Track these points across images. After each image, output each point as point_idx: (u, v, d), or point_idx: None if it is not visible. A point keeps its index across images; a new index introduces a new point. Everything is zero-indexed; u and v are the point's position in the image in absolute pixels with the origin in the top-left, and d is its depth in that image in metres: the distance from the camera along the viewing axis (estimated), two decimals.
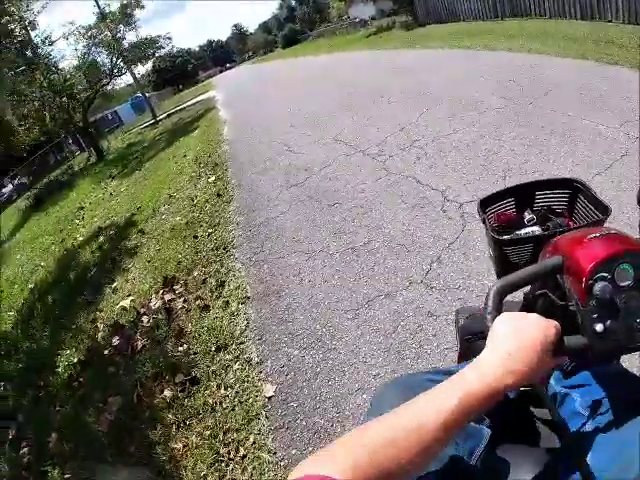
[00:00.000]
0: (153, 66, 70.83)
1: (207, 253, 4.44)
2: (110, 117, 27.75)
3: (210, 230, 5.00)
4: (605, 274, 0.63)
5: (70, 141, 25.80)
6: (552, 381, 0.84)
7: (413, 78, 8.60)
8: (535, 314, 0.63)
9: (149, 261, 4.88)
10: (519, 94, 5.70)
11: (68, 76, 13.26)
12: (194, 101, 24.36)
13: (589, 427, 0.71)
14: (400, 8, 23.45)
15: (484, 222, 1.12)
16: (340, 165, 5.27)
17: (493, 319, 0.64)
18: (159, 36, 20.42)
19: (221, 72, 68.78)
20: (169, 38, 20.68)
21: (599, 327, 0.62)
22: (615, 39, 7.89)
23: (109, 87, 19.86)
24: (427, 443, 0.52)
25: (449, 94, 6.63)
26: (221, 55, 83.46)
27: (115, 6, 19.05)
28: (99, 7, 19.23)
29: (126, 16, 18.89)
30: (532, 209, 1.17)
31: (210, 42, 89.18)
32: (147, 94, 44.89)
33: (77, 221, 9.15)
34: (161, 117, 23.92)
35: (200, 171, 7.70)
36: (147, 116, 26.83)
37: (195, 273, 4.09)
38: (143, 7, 19.87)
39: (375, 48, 16.28)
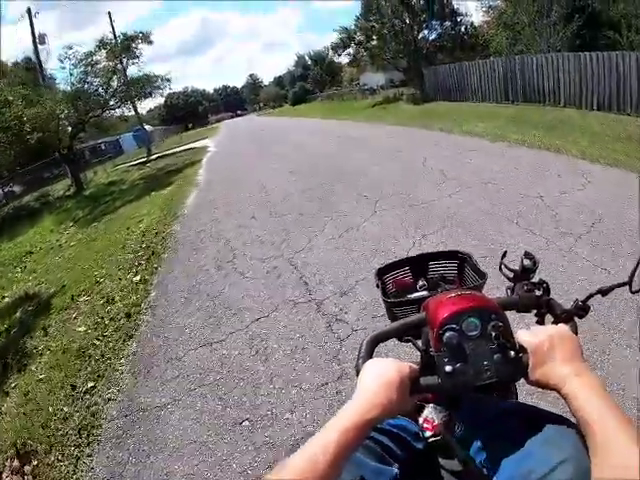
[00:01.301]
0: (165, 101, 71.43)
1: (71, 431, 2.89)
2: (104, 147, 26.00)
3: (91, 383, 3.39)
4: (454, 325, 0.75)
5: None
6: (456, 428, 0.87)
7: (416, 173, 6.97)
8: (393, 359, 0.76)
9: (26, 394, 3.53)
10: (553, 230, 3.96)
11: (19, 112, 11.92)
12: (188, 147, 23.13)
13: (493, 456, 0.76)
14: (409, 80, 22.72)
15: (378, 287, 1.24)
16: (279, 322, 3.38)
17: (363, 363, 0.77)
18: (158, 76, 19.20)
19: (232, 118, 69.37)
20: (168, 80, 19.40)
21: (448, 368, 0.73)
22: None
23: (103, 116, 18.72)
24: (320, 475, 0.59)
25: (455, 211, 4.89)
26: (233, 101, 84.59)
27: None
28: (115, 34, 18.36)
29: (127, 50, 17.76)
30: (426, 277, 1.31)
31: (225, 87, 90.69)
32: (152, 128, 44.50)
33: (18, 270, 8.27)
34: (154, 157, 22.66)
35: (136, 257, 6.11)
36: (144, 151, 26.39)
37: (51, 458, 2.71)
38: (151, 42, 18.85)
39: (380, 121, 15.02)
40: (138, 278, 5.26)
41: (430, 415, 0.86)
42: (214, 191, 9.16)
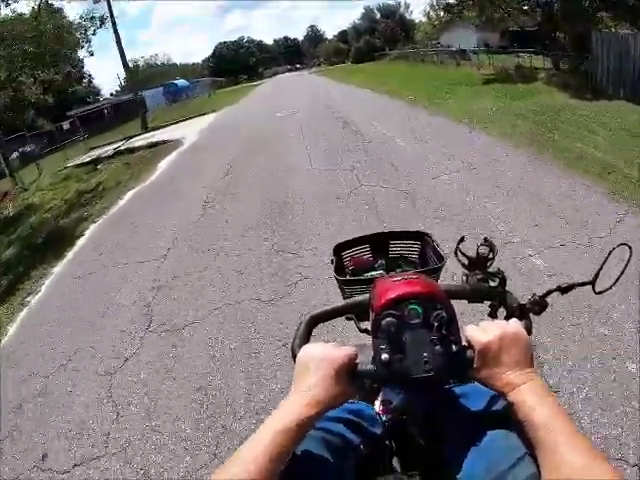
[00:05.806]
0: (214, 52, 62.49)
1: None
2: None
3: None
4: (395, 312, 0.62)
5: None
6: (414, 410, 0.78)
7: None
8: (332, 344, 0.65)
9: None
10: None
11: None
12: (160, 139, 13.04)
13: (460, 441, 0.67)
14: (539, 46, 12.58)
15: (332, 263, 1.10)
16: None
17: (299, 347, 0.66)
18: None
19: (289, 71, 60.22)
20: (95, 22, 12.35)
21: (384, 357, 0.61)
22: None
23: None
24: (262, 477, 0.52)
25: None
26: (291, 54, 74.12)
27: None
28: None
29: None
30: (388, 256, 1.17)
31: (286, 38, 79.74)
32: (198, 79, 36.24)
33: None
34: (138, 139, 14.31)
35: None
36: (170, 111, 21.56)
37: None
38: None
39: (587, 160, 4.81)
40: None
41: (387, 397, 0.81)
42: None
